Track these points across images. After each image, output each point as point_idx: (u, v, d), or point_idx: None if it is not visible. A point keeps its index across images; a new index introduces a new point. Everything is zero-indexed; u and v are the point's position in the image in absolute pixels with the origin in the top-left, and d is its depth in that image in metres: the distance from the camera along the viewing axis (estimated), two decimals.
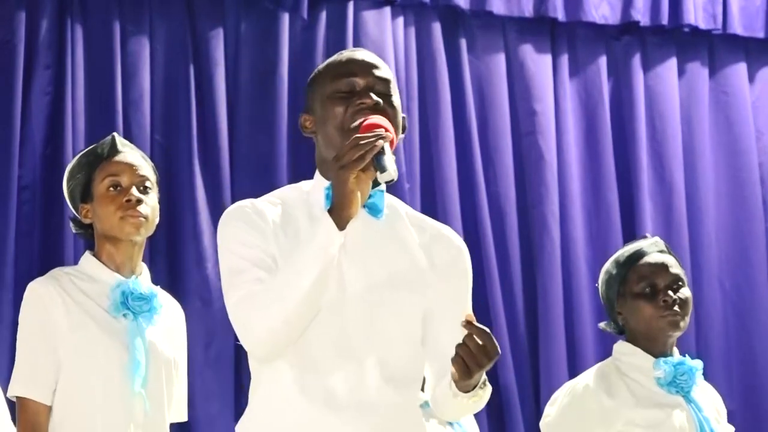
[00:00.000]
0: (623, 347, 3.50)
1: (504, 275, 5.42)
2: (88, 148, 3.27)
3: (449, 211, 5.31)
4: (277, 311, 2.36)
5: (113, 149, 3.20)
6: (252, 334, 2.41)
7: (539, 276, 5.46)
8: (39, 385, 3.07)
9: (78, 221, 3.23)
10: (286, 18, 5.28)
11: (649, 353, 3.44)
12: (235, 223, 2.49)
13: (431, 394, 2.55)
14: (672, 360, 3.41)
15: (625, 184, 5.67)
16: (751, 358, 5.70)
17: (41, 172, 4.93)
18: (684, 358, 3.44)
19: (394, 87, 2.55)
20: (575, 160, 5.63)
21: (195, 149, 5.09)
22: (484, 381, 2.41)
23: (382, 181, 2.38)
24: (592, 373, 3.50)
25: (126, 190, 3.14)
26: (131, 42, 5.09)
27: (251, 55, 5.25)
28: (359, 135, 2.36)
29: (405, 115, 2.59)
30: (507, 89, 5.58)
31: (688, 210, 5.72)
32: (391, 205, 2.57)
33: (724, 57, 5.91)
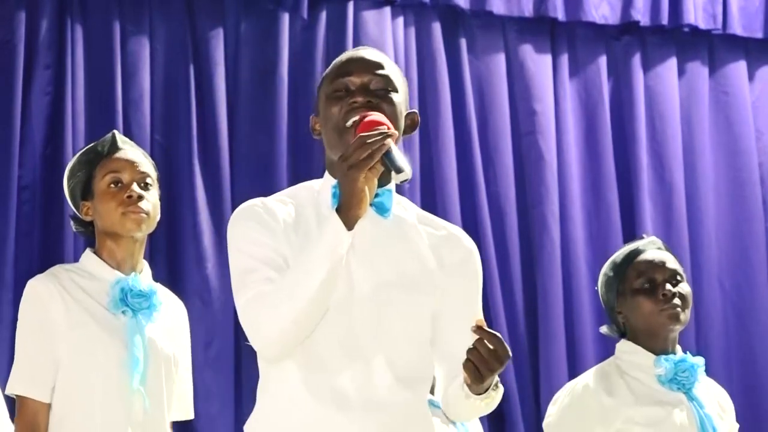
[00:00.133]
0: (625, 346, 3.50)
1: (504, 275, 5.42)
2: (88, 145, 3.28)
3: (449, 211, 5.30)
4: (287, 311, 2.36)
5: (113, 146, 3.20)
6: (261, 334, 2.40)
7: (539, 276, 5.46)
8: (38, 384, 3.06)
9: (78, 219, 3.23)
10: (286, 18, 5.28)
11: (651, 351, 3.44)
12: (246, 222, 2.48)
13: (442, 395, 2.54)
14: (673, 357, 3.42)
15: (625, 184, 5.67)
16: (751, 358, 5.69)
17: (41, 172, 4.93)
18: (685, 355, 3.45)
19: (395, 83, 2.52)
20: (575, 160, 5.63)
21: (195, 149, 5.09)
22: (496, 383, 2.40)
23: (398, 182, 2.38)
24: (592, 373, 3.51)
25: (127, 186, 3.14)
26: (131, 42, 5.10)
27: (251, 55, 5.25)
28: (365, 134, 2.35)
29: (415, 111, 2.57)
30: (507, 89, 5.58)
31: (688, 210, 5.72)
32: (400, 205, 2.56)
33: (724, 57, 5.91)
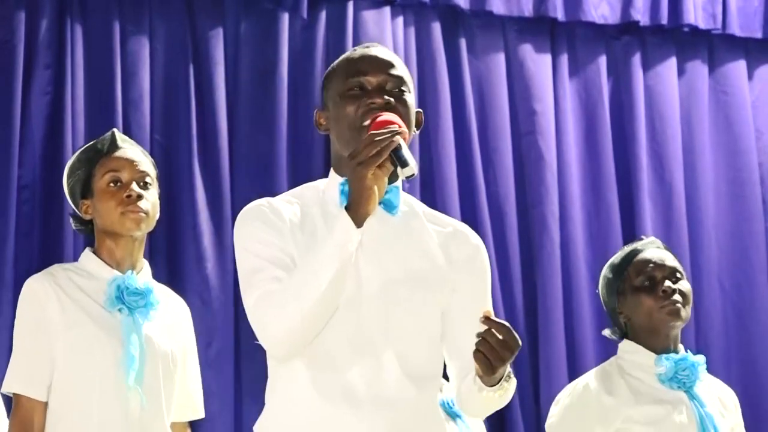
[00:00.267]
0: (627, 346, 3.51)
1: (504, 275, 5.42)
2: (87, 144, 3.28)
3: (449, 212, 5.29)
4: (295, 310, 2.36)
5: (113, 145, 3.20)
6: (270, 333, 2.40)
7: (539, 276, 5.46)
8: (34, 382, 3.07)
9: (78, 217, 3.23)
10: (285, 18, 5.28)
11: (653, 349, 3.45)
12: (253, 222, 2.49)
13: (456, 391, 2.55)
14: (674, 356, 3.42)
15: (625, 184, 5.67)
16: (751, 358, 5.69)
17: (41, 171, 4.92)
18: (686, 353, 3.45)
19: (407, 84, 2.53)
20: (575, 160, 5.63)
21: (195, 149, 5.09)
22: (508, 374, 2.40)
23: (402, 177, 2.38)
24: (594, 373, 3.52)
25: (126, 185, 3.14)
26: (131, 42, 5.09)
27: (251, 55, 5.25)
28: (374, 132, 2.35)
29: (420, 110, 2.58)
30: (507, 89, 5.57)
31: (688, 210, 5.71)
32: (407, 202, 2.57)
33: (723, 56, 5.91)
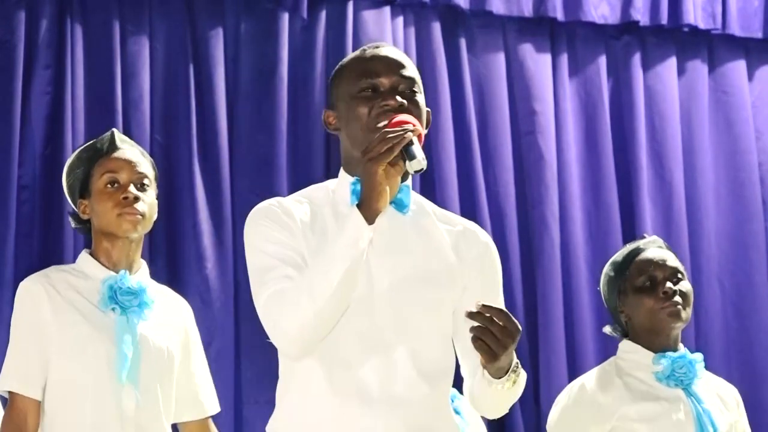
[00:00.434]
0: (626, 346, 3.52)
1: (504, 275, 5.35)
2: (87, 143, 3.28)
3: (449, 211, 5.30)
4: (307, 307, 2.35)
5: (112, 145, 3.20)
6: (282, 331, 2.40)
7: (539, 276, 5.46)
8: (28, 381, 3.08)
9: (77, 216, 3.24)
10: (286, 18, 5.28)
11: (654, 348, 3.46)
12: (263, 222, 2.49)
13: (469, 390, 2.55)
14: (671, 354, 3.43)
15: (625, 184, 5.67)
16: (751, 358, 5.69)
17: (41, 172, 4.93)
18: (684, 351, 3.46)
19: (418, 84, 2.54)
20: (575, 160, 5.63)
21: (195, 149, 5.09)
22: (516, 365, 2.40)
23: (411, 171, 2.38)
24: (591, 373, 3.55)
25: (124, 187, 3.14)
26: (131, 42, 5.09)
27: (251, 55, 5.25)
28: (387, 129, 2.36)
29: (429, 110, 2.58)
30: (507, 89, 5.57)
31: (688, 210, 5.71)
32: (418, 201, 2.57)
33: (723, 57, 5.91)
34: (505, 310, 2.31)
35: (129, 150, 3.22)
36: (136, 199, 3.13)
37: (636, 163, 5.66)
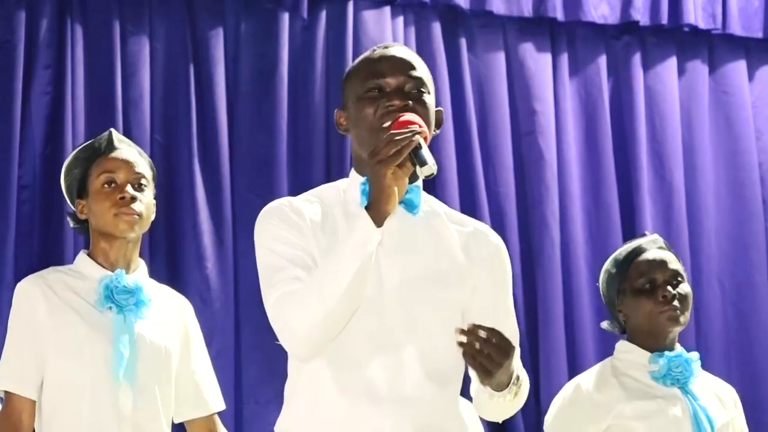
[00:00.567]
0: (622, 346, 3.54)
1: None
2: (85, 142, 3.28)
3: None
4: (316, 309, 2.36)
5: (110, 145, 3.20)
6: (291, 333, 2.40)
7: (539, 275, 5.46)
8: (24, 380, 3.10)
9: (75, 216, 3.24)
10: (286, 18, 5.28)
11: (650, 348, 3.47)
12: (273, 221, 2.50)
13: (474, 394, 2.55)
14: (667, 354, 3.44)
15: (625, 183, 5.67)
16: (751, 358, 5.69)
17: (41, 172, 4.93)
18: (680, 350, 3.46)
19: (427, 84, 2.54)
20: (575, 159, 5.63)
21: (195, 149, 5.09)
22: (517, 377, 2.41)
23: (421, 176, 2.38)
24: (587, 373, 3.55)
25: (121, 187, 3.15)
26: (131, 42, 5.09)
27: (251, 55, 5.25)
28: (394, 131, 2.36)
29: (441, 109, 2.59)
30: (507, 89, 5.57)
31: (688, 209, 5.71)
32: (428, 202, 2.58)
33: (723, 56, 5.91)
34: (495, 329, 2.31)
35: (126, 150, 3.22)
36: (133, 199, 3.13)
37: (636, 163, 5.66)
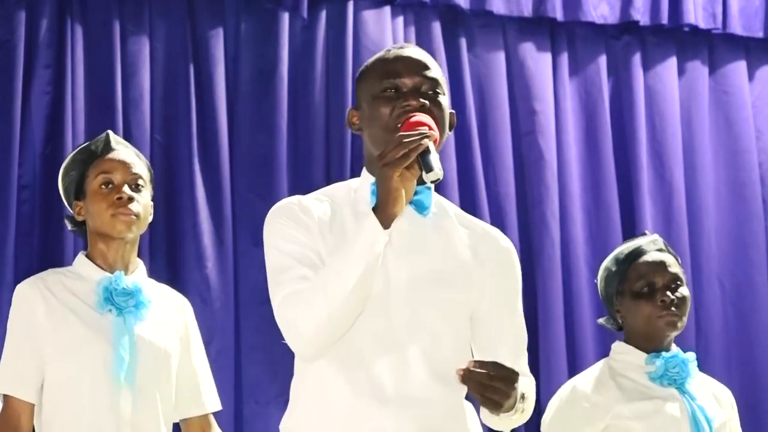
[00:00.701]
0: (619, 347, 3.54)
1: None
2: (83, 144, 3.28)
3: None
4: (322, 309, 2.36)
5: (107, 146, 3.21)
6: (298, 332, 2.41)
7: (539, 275, 5.46)
8: (23, 383, 3.10)
9: (73, 219, 3.24)
10: (286, 18, 5.28)
11: (647, 350, 3.47)
12: (281, 220, 2.50)
13: (482, 413, 2.54)
14: (664, 354, 3.44)
15: (625, 183, 5.67)
16: (751, 358, 5.69)
17: (41, 171, 4.93)
18: (677, 351, 3.46)
19: (442, 85, 2.55)
20: (575, 159, 5.63)
21: (195, 149, 5.08)
22: (522, 395, 2.41)
23: (428, 181, 2.38)
24: (583, 374, 3.56)
25: (118, 187, 3.15)
26: (131, 42, 5.09)
27: (251, 55, 5.25)
28: (403, 133, 2.36)
29: (453, 111, 2.59)
30: (507, 89, 5.57)
31: (688, 209, 5.71)
32: (439, 204, 2.58)
33: (724, 56, 5.90)
34: (496, 362, 2.30)
35: (123, 151, 3.23)
36: (130, 200, 3.13)
37: (636, 163, 5.66)
